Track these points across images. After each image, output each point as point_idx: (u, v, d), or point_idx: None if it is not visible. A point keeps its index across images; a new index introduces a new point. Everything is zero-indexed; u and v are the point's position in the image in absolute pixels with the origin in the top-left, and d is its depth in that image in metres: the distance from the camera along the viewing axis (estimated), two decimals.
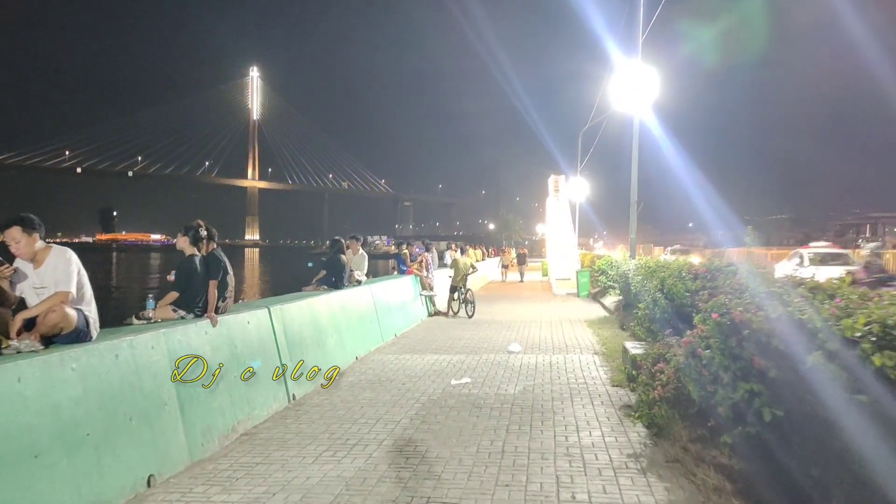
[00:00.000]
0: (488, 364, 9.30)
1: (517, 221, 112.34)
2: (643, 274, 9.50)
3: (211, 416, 5.58)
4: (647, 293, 7.24)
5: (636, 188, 15.38)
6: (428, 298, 15.68)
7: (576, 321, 14.76)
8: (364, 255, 11.47)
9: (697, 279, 6.50)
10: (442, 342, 11.49)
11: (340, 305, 9.60)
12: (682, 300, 6.32)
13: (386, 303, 12.10)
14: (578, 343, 11.25)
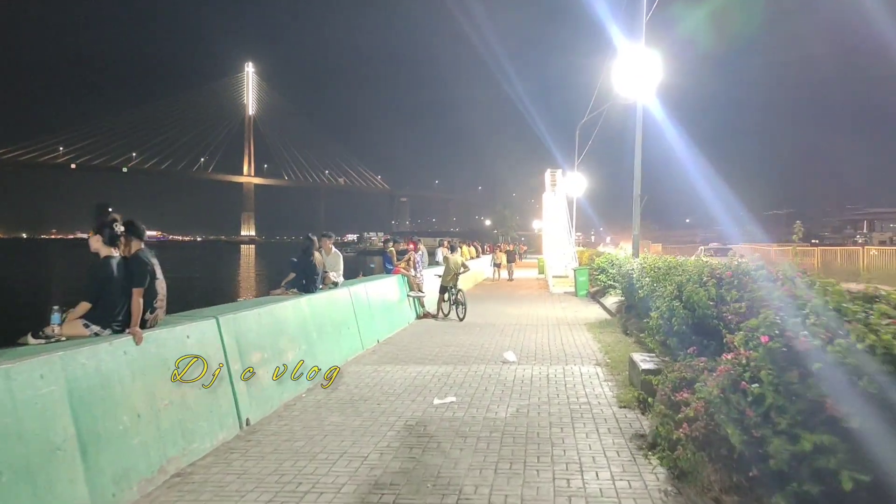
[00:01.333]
0: (478, 378, 8.24)
1: (514, 217, 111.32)
2: (651, 276, 8.43)
3: (129, 456, 4.50)
4: (661, 300, 6.17)
5: (640, 181, 14.31)
6: (416, 300, 14.61)
7: (575, 324, 13.70)
8: (339, 255, 10.38)
9: (723, 284, 5.44)
10: (428, 349, 10.41)
11: (311, 311, 8.53)
12: (704, 310, 5.27)
13: (367, 306, 11.03)
14: (579, 351, 10.19)
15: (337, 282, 9.97)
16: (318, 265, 9.05)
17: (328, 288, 9.74)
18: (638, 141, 14.12)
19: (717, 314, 5.14)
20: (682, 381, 4.67)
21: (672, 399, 4.73)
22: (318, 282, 9.02)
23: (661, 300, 6.20)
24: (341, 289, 10.08)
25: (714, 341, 5.09)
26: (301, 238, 9.22)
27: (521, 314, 15.88)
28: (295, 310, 8.04)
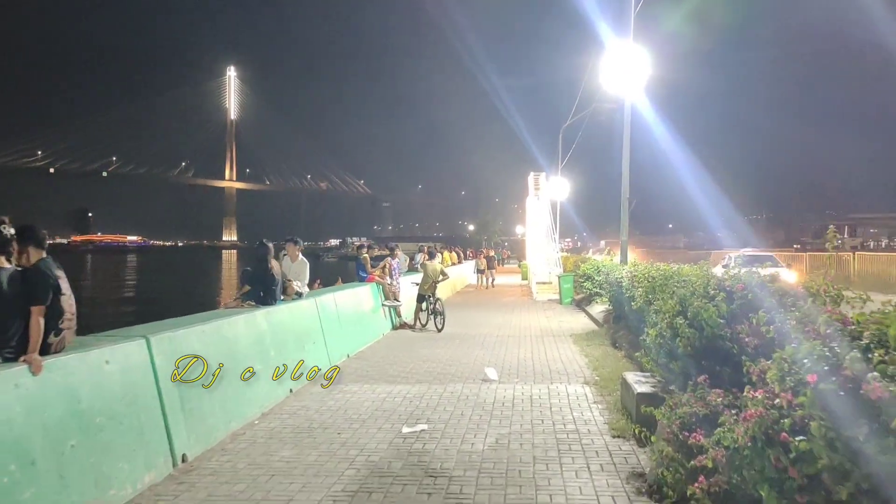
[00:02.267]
0: (454, 399, 7.41)
1: (497, 222, 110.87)
2: (645, 286, 7.65)
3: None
4: (660, 315, 5.39)
5: (627, 182, 13.58)
6: (392, 309, 13.77)
7: (560, 335, 12.93)
8: (305, 262, 9.50)
9: (734, 299, 4.67)
10: (402, 365, 9.58)
11: (270, 326, 7.67)
12: (714, 330, 4.49)
13: (336, 317, 10.18)
14: (565, 367, 9.40)
15: (301, 292, 9.10)
16: (276, 274, 8.19)
17: (292, 299, 8.89)
18: (626, 140, 13.41)
19: (731, 335, 4.36)
20: (692, 417, 3.87)
21: (680, 439, 3.94)
22: (277, 293, 8.16)
23: (659, 316, 5.42)
24: (306, 299, 9.22)
25: (727, 367, 4.32)
26: (256, 245, 8.35)
27: (503, 324, 15.08)
28: (249, 325, 7.18)
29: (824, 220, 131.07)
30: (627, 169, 13.51)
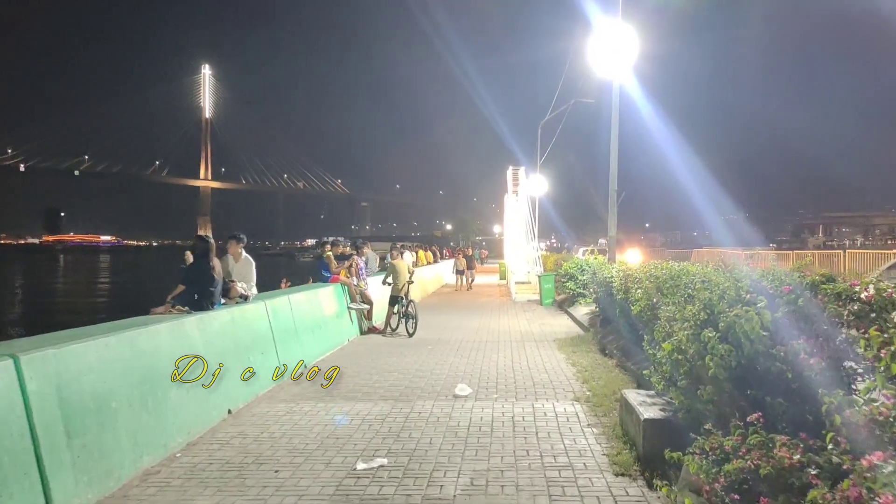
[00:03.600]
0: (422, 422, 6.25)
1: (475, 222, 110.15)
2: (647, 287, 6.53)
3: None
4: (679, 325, 4.27)
5: (616, 172, 12.49)
6: (360, 312, 12.57)
7: (543, 340, 11.81)
8: (250, 261, 8.27)
9: (778, 306, 3.56)
10: (364, 377, 8.40)
11: (204, 335, 6.46)
12: (757, 346, 3.39)
13: (291, 323, 8.98)
14: (550, 378, 8.28)
15: (247, 294, 7.88)
16: (217, 274, 6.98)
17: (236, 302, 7.68)
18: (614, 126, 12.34)
19: (785, 355, 3.25)
20: (748, 474, 2.74)
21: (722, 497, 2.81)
22: (216, 295, 6.94)
23: (676, 325, 4.31)
24: (255, 303, 8.01)
25: (783, 398, 3.20)
26: (192, 241, 7.11)
27: (480, 327, 13.94)
28: (174, 335, 5.96)
29: (798, 219, 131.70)
30: (616, 157, 12.44)
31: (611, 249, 13.34)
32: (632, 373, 8.09)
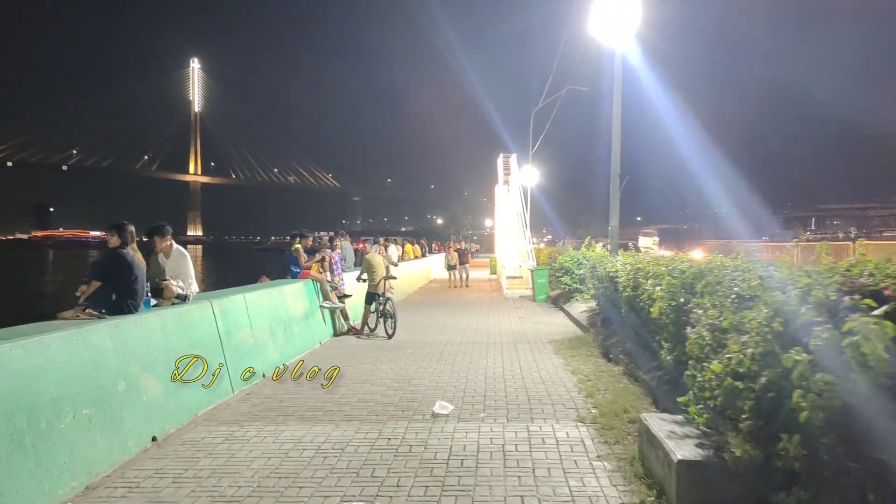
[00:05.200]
0: (390, 454, 5.00)
1: (466, 216, 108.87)
2: (669, 284, 5.28)
3: None
4: (732, 339, 3.06)
5: (619, 156, 11.24)
6: (332, 312, 11.30)
7: (537, 341, 10.58)
8: (183, 255, 6.92)
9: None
10: (330, 389, 7.15)
11: (118, 346, 5.20)
12: (882, 380, 2.18)
13: (247, 325, 7.72)
14: (548, 390, 7.04)
15: (186, 294, 6.59)
16: (139, 268, 5.70)
17: (171, 303, 6.40)
18: (616, 102, 11.09)
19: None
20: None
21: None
22: (138, 294, 5.66)
23: (732, 338, 3.09)
24: (197, 303, 6.74)
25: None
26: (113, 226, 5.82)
27: (467, 327, 12.69)
28: (72, 347, 4.68)
29: (787, 211, 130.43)
30: (618, 137, 11.19)
31: (613, 240, 12.10)
32: (643, 384, 6.87)
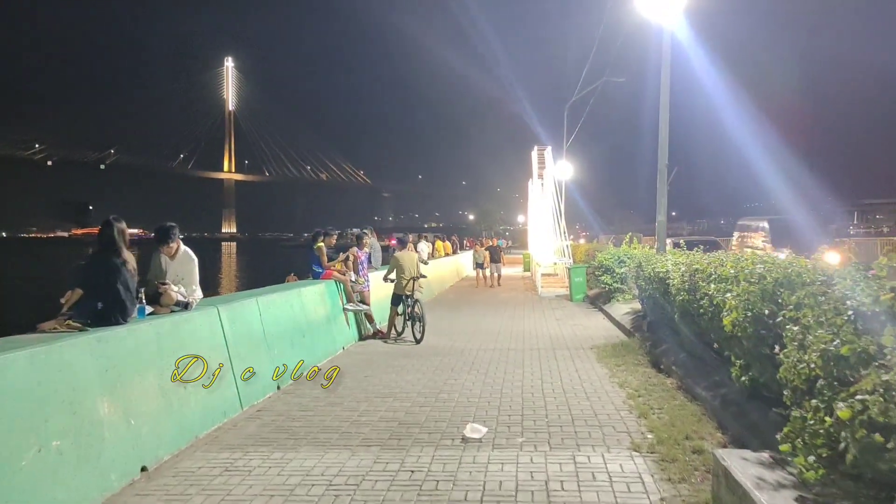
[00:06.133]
0: (413, 490, 4.23)
1: (498, 212, 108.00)
2: (749, 292, 4.41)
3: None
4: (874, 378, 2.26)
5: (667, 143, 10.29)
6: (357, 315, 10.59)
7: (578, 348, 9.75)
8: (190, 258, 6.16)
9: None
10: (348, 406, 6.42)
11: (104, 364, 4.52)
12: None
13: (260, 333, 7.03)
14: (593, 409, 6.22)
15: (188, 301, 5.89)
16: (130, 272, 5.02)
17: (170, 311, 5.72)
18: (664, 85, 10.16)
19: None
20: None
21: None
22: (129, 305, 4.98)
23: (872, 377, 2.29)
24: (200, 311, 6.05)
25: None
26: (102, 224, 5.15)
27: (501, 330, 11.90)
28: (42, 368, 4.00)
29: (830, 206, 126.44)
30: (666, 125, 10.25)
31: (660, 237, 11.19)
32: (703, 402, 6.02)
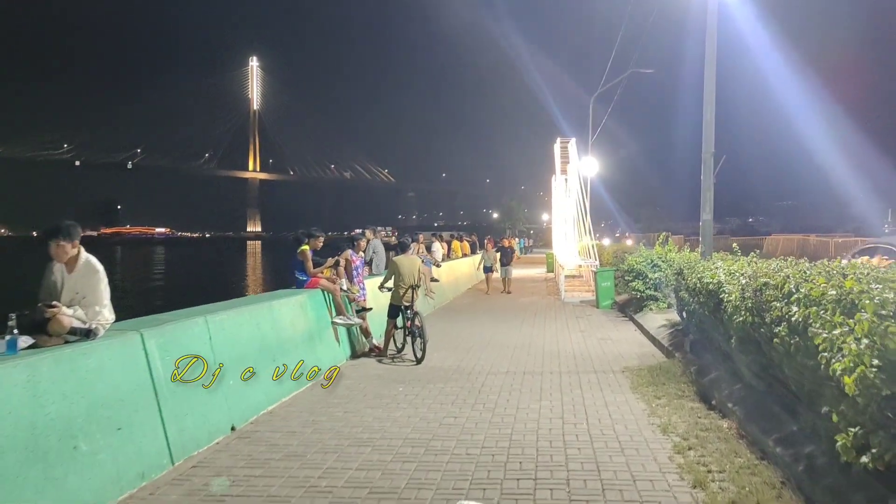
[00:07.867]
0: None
1: (521, 210, 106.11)
2: (867, 321, 2.92)
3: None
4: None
5: (713, 129, 8.70)
6: (349, 329, 9.15)
7: (607, 371, 8.22)
8: (94, 269, 4.56)
9: None
10: (312, 460, 4.97)
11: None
12: None
13: (207, 362, 5.60)
14: (629, 467, 4.69)
15: (90, 328, 4.45)
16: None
17: (66, 341, 4.29)
18: (709, 62, 8.56)
19: None
20: None
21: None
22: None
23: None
24: (110, 340, 4.61)
25: None
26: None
27: (517, 344, 10.38)
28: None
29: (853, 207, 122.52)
30: (712, 108, 8.63)
31: (706, 239, 9.56)
32: (779, 463, 4.46)
